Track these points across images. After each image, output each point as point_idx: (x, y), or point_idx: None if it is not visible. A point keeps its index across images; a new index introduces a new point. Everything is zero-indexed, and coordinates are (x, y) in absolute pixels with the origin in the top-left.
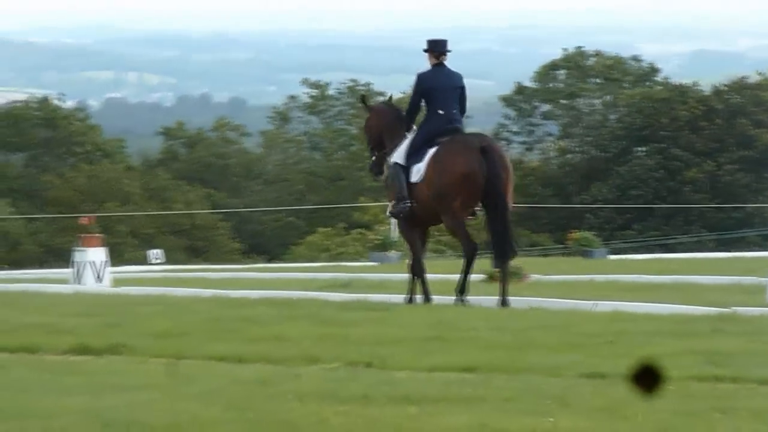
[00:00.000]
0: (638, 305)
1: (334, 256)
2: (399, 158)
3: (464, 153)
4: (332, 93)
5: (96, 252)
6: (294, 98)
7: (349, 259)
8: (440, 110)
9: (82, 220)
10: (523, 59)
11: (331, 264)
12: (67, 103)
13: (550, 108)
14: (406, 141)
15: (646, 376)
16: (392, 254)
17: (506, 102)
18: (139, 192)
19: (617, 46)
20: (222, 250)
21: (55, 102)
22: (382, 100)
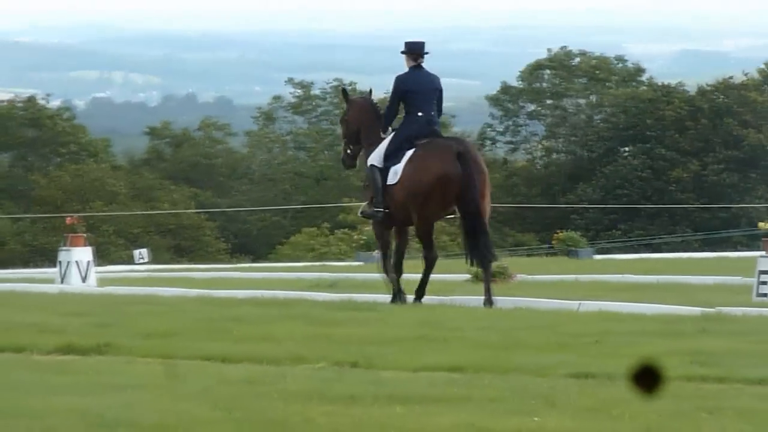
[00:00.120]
0: (624, 305)
1: (320, 256)
2: (376, 160)
3: (440, 156)
4: (317, 93)
5: (81, 251)
6: (279, 98)
7: (335, 259)
8: (419, 113)
9: (68, 220)
10: (511, 59)
11: (317, 264)
12: (53, 103)
13: (536, 108)
14: (384, 143)
15: (646, 377)
16: (378, 254)
17: (492, 102)
18: (125, 192)
19: (604, 46)
20: (208, 250)
21: (41, 101)
22: (363, 95)
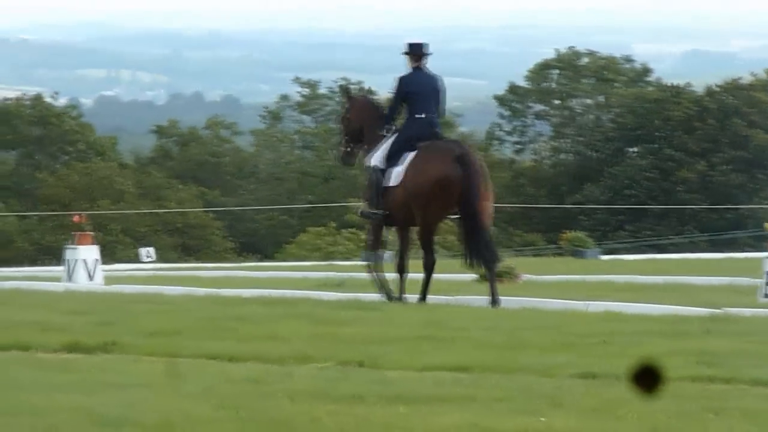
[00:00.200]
0: (630, 305)
1: (326, 256)
2: (378, 161)
3: (441, 159)
4: (324, 92)
5: (88, 250)
6: (286, 97)
7: (342, 259)
8: (420, 114)
9: (75, 218)
10: (520, 59)
11: (324, 263)
12: (60, 101)
13: (543, 108)
14: (385, 144)
15: (646, 377)
16: (384, 253)
17: (499, 102)
18: (132, 190)
19: (612, 47)
20: (215, 249)
21: (48, 100)
22: (362, 93)
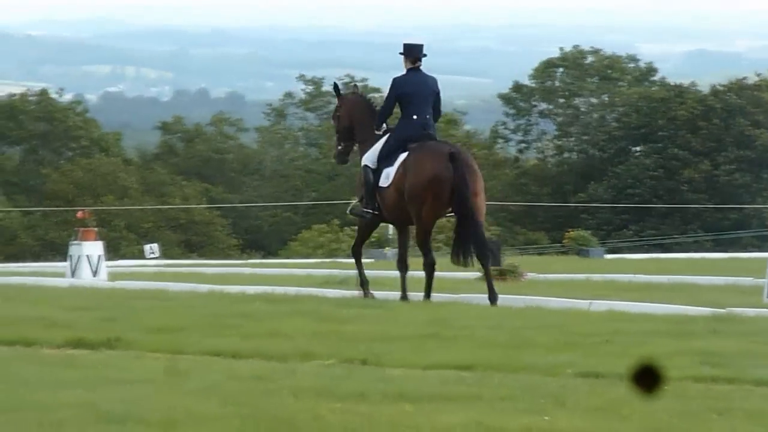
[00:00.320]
0: (635, 305)
1: (330, 253)
2: (370, 161)
3: (433, 158)
4: (328, 89)
5: (92, 246)
6: (290, 95)
7: (345, 256)
8: (414, 115)
9: (79, 214)
10: (522, 58)
11: (328, 260)
12: (65, 97)
13: (548, 107)
14: (378, 144)
15: (646, 376)
16: (388, 251)
17: (504, 100)
18: (137, 186)
19: (616, 46)
20: (219, 246)
21: (53, 95)
22: (353, 91)
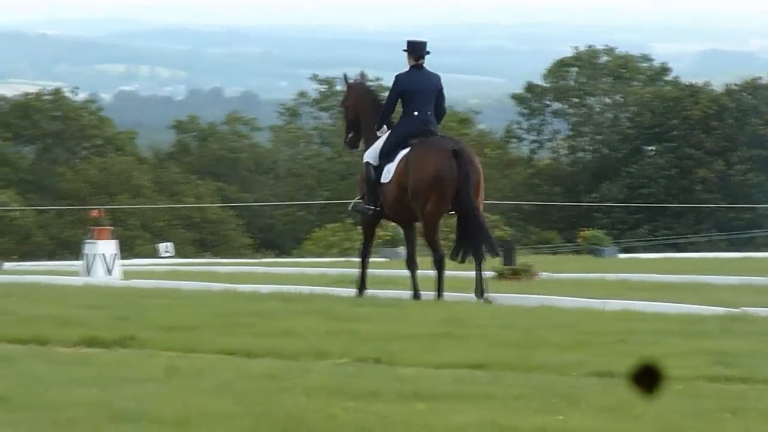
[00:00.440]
0: (648, 304)
1: (343, 252)
2: (371, 158)
3: (436, 155)
4: (341, 89)
5: (106, 244)
6: (303, 94)
7: (358, 255)
8: (415, 112)
9: (93, 213)
10: (536, 57)
11: (341, 259)
12: (80, 96)
13: (561, 106)
14: (380, 140)
15: (646, 376)
16: (402, 250)
17: (517, 100)
18: (150, 185)
19: (629, 45)
20: (232, 245)
21: (68, 95)
22: (360, 81)
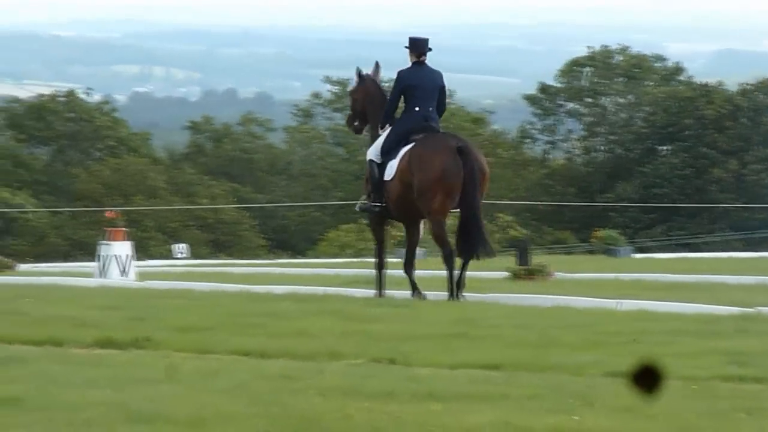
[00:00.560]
0: (662, 304)
1: (357, 252)
2: (374, 155)
3: (441, 153)
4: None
5: (121, 246)
6: (317, 95)
7: (372, 256)
8: (416, 108)
9: (108, 214)
10: (549, 57)
11: (356, 260)
12: (94, 97)
13: (575, 106)
14: (381, 137)
15: (646, 376)
16: (418, 250)
17: (530, 101)
18: (165, 186)
19: (643, 45)
20: (247, 245)
21: (82, 96)
22: (373, 76)
